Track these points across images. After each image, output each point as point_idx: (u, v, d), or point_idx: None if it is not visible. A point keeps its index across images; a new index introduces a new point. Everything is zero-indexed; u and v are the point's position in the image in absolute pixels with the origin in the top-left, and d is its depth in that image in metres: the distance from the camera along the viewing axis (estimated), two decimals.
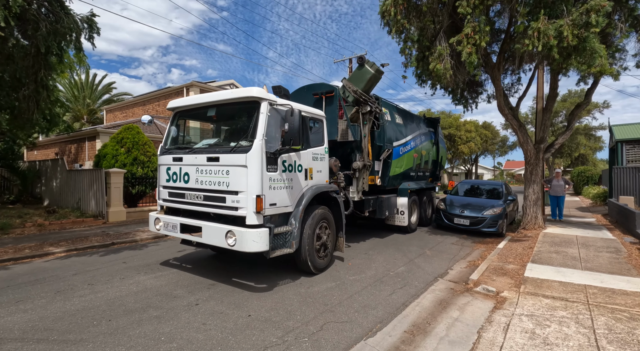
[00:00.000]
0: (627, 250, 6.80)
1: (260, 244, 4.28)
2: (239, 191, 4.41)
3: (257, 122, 4.50)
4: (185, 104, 5.48)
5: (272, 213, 4.58)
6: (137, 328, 3.46)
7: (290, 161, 4.93)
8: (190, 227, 4.96)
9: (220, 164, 4.58)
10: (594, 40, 6.04)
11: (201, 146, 5.19)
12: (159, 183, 5.57)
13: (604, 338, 3.23)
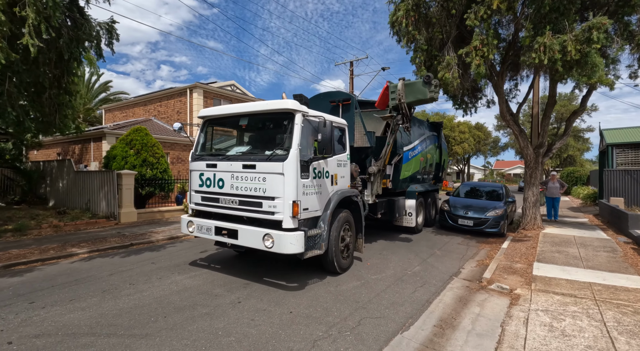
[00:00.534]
0: (622, 249, 7.33)
1: (296, 246, 4.59)
2: (275, 196, 4.71)
3: (292, 132, 4.81)
4: (218, 113, 5.74)
5: (305, 217, 4.90)
6: (192, 324, 3.74)
7: (320, 168, 5.25)
8: (223, 229, 5.24)
9: (257, 172, 4.87)
10: (595, 55, 6.51)
11: (235, 153, 5.45)
12: (190, 187, 5.82)
13: (614, 330, 3.66)
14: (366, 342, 3.50)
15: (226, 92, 18.56)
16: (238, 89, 21.22)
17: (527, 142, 9.89)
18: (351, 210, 6.08)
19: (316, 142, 5.05)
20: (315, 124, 5.10)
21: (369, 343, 3.49)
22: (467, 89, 10.26)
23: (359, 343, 3.48)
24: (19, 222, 8.84)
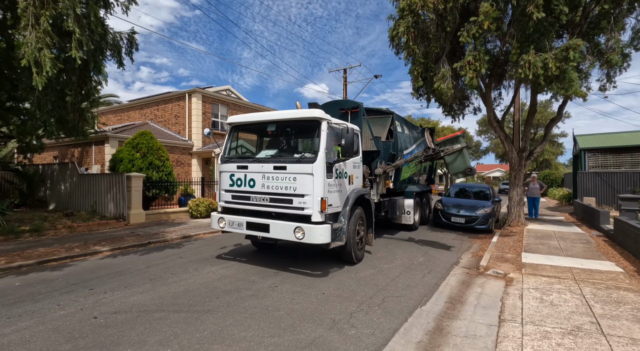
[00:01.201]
0: (595, 241, 8.35)
1: (325, 237, 5.24)
2: (305, 194, 5.35)
3: (319, 137, 5.47)
4: (246, 120, 6.33)
5: (329, 212, 5.55)
6: (243, 302, 4.32)
7: (340, 169, 5.93)
8: (253, 224, 5.82)
9: (288, 172, 5.49)
10: (572, 71, 7.51)
11: (264, 156, 6.05)
12: (219, 187, 6.37)
13: (591, 300, 4.49)
14: (393, 314, 4.18)
15: (223, 96, 19.00)
16: (233, 93, 21.67)
17: (512, 147, 10.91)
18: (363, 207, 6.78)
19: (338, 146, 5.72)
20: (337, 131, 5.78)
21: (395, 314, 4.17)
22: (458, 98, 11.21)
23: (387, 314, 4.16)
24: (34, 223, 9.06)
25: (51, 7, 5.04)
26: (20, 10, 5.06)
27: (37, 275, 5.61)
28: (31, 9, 5.07)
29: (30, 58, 5.09)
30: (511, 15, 8.43)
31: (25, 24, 5.11)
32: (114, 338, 3.35)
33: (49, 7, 5.05)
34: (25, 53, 5.11)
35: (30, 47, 5.09)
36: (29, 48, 5.09)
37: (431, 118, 38.86)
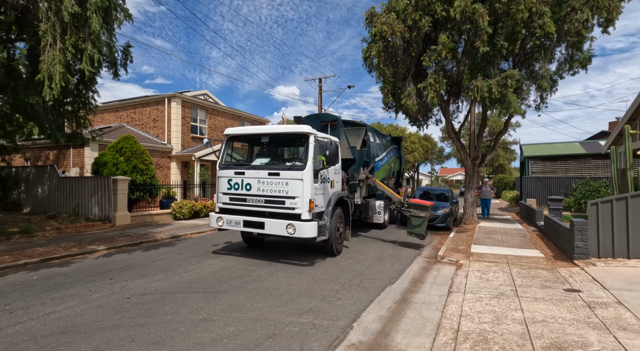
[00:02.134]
0: (530, 235, 10.08)
1: (312, 232, 6.28)
2: (295, 196, 6.38)
3: (307, 149, 6.53)
4: (243, 132, 7.26)
5: (316, 211, 6.61)
6: (247, 285, 5.26)
7: (324, 175, 7.02)
8: (249, 222, 6.74)
9: (281, 178, 6.49)
10: (511, 95, 9.15)
11: (259, 163, 6.99)
12: (218, 190, 7.22)
13: (515, 276, 5.90)
14: (369, 290, 5.32)
15: (201, 101, 19.46)
16: (211, 98, 22.10)
17: (467, 155, 12.60)
18: (342, 207, 7.91)
19: (322, 156, 6.81)
20: (322, 143, 6.85)
21: (370, 291, 5.31)
22: (422, 111, 12.75)
23: (364, 291, 5.28)
24: (21, 225, 9.29)
25: (74, 34, 5.70)
26: (42, 32, 5.68)
27: (49, 270, 6.16)
28: (50, 31, 5.70)
29: (45, 74, 5.71)
30: (463, 46, 10.00)
31: (45, 44, 5.72)
32: (152, 310, 4.19)
33: (72, 34, 5.71)
34: (41, 69, 5.72)
35: (46, 63, 5.71)
36: (45, 65, 5.71)
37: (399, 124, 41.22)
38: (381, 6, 10.79)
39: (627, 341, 3.31)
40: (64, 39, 5.68)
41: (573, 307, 4.31)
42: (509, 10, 8.78)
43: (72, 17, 5.65)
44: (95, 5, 5.70)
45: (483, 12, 8.47)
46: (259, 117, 24.29)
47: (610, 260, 6.24)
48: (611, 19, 9.35)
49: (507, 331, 3.66)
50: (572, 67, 10.39)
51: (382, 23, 9.58)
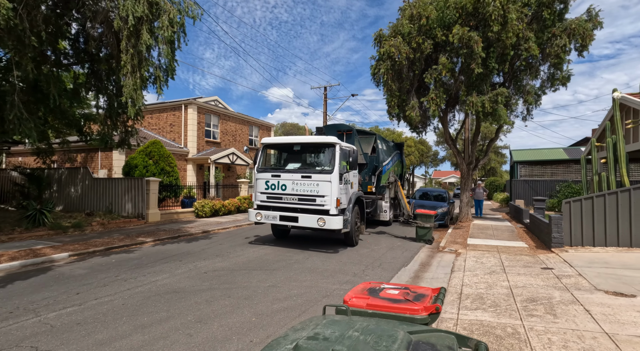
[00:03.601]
0: (517, 231, 11.56)
1: (339, 224, 7.60)
2: (325, 195, 7.71)
3: (334, 156, 7.86)
4: (278, 142, 8.62)
5: (340, 208, 7.96)
6: (292, 266, 6.58)
7: (346, 178, 8.37)
8: (285, 217, 8.03)
9: (312, 180, 7.81)
10: (501, 109, 10.63)
11: (292, 168, 8.30)
12: (255, 190, 8.51)
13: (504, 260, 7.32)
14: (388, 270, 6.68)
15: (213, 107, 20.70)
16: (220, 103, 23.34)
17: (462, 160, 14.07)
18: (358, 206, 9.26)
19: (345, 162, 8.16)
20: (345, 151, 8.19)
21: (389, 270, 6.67)
22: (422, 121, 14.20)
23: (385, 270, 6.64)
24: (73, 221, 10.46)
25: (148, 64, 6.99)
26: (123, 63, 6.95)
27: (120, 256, 7.40)
28: (129, 61, 6.98)
29: (128, 96, 6.99)
30: (460, 66, 11.47)
31: (126, 72, 6.99)
32: (229, 280, 5.49)
33: (147, 64, 7.00)
34: (124, 93, 7.00)
35: (128, 88, 6.98)
36: (127, 89, 6.98)
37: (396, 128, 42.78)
38: (388, 28, 12.24)
39: (579, 296, 4.72)
40: (140, 67, 6.96)
41: (545, 278, 5.73)
42: (500, 37, 10.26)
43: (147, 49, 6.94)
44: (166, 39, 6.99)
45: (477, 39, 9.93)
46: (266, 122, 25.58)
47: (579, 248, 7.71)
48: (585, 45, 10.90)
49: (496, 292, 5.05)
50: (553, 85, 11.93)
51: (390, 45, 10.99)
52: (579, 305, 4.39)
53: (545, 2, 10.80)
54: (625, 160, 7.93)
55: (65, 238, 9.11)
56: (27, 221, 9.64)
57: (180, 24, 7.23)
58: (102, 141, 9.23)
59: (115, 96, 8.77)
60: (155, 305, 4.43)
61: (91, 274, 5.88)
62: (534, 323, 3.84)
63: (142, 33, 6.72)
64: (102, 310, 4.22)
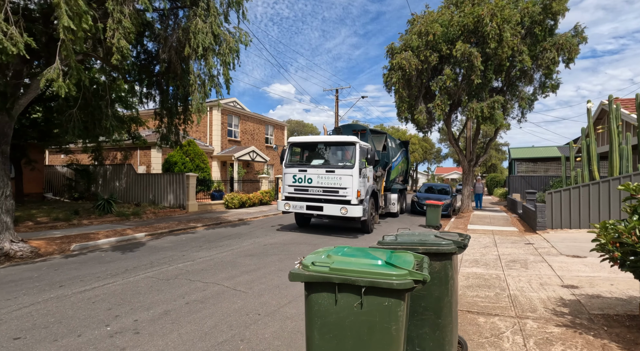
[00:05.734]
0: (511, 219, 13.29)
1: (359, 212, 9.17)
2: (347, 187, 9.25)
3: (355, 153, 9.40)
4: (304, 141, 10.26)
5: (360, 199, 9.59)
6: (329, 242, 8.33)
7: (364, 173, 9.98)
8: (311, 206, 9.60)
9: (336, 174, 9.35)
10: (498, 114, 12.30)
11: (317, 163, 9.84)
12: (284, 183, 10.06)
13: (497, 239, 9.06)
14: None
15: (233, 108, 22.41)
16: (238, 104, 25.07)
17: (464, 158, 15.77)
18: (374, 198, 10.92)
19: (364, 159, 9.75)
20: (364, 149, 9.69)
21: None
22: (428, 122, 15.88)
23: None
24: (133, 209, 12.27)
25: (213, 82, 8.73)
26: (192, 82, 8.68)
27: (185, 236, 9.18)
28: (196, 80, 8.70)
29: (195, 109, 8.73)
30: (462, 76, 13.13)
31: (193, 89, 8.72)
32: (285, 249, 7.25)
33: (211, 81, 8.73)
34: (192, 106, 8.74)
35: (195, 101, 8.72)
36: (195, 102, 8.72)
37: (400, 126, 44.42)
38: (399, 41, 13.91)
39: (547, 258, 6.46)
40: (204, 85, 8.68)
41: (526, 249, 7.47)
42: (496, 52, 11.90)
43: (209, 70, 8.66)
44: (225, 62, 8.70)
45: (477, 54, 11.59)
46: (280, 122, 27.30)
47: (558, 230, 9.43)
48: (571, 58, 12.52)
49: (488, 258, 6.80)
50: (544, 91, 13.58)
51: (402, 58, 12.67)
52: (545, 263, 6.13)
53: (537, 20, 12.41)
54: (597, 159, 9.61)
55: (131, 223, 10.91)
56: (98, 210, 11.45)
57: (236, 50, 8.93)
58: (163, 141, 10.97)
59: (174, 105, 10.49)
60: (244, 261, 6.21)
61: (176, 246, 7.66)
62: (511, 272, 5.59)
63: (208, 58, 8.44)
64: (210, 264, 6.00)
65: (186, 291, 4.57)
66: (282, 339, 3.33)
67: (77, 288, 4.61)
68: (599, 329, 3.36)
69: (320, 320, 1.86)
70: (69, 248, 7.34)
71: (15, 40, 5.02)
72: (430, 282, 2.61)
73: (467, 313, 3.88)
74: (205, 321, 3.64)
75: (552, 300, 4.20)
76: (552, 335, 3.25)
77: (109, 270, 5.56)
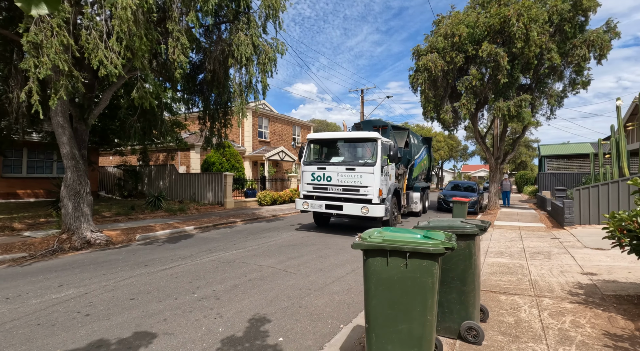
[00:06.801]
0: (539, 215, 13.38)
1: (381, 212, 8.64)
2: (368, 185, 8.69)
3: (376, 150, 8.91)
4: (323, 137, 9.98)
5: (381, 198, 8.87)
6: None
7: (386, 170, 9.43)
8: (330, 205, 9.24)
9: (356, 172, 8.81)
10: (525, 112, 12.45)
11: (337, 161, 9.42)
12: (302, 181, 9.69)
13: (523, 234, 9.37)
14: None
15: (262, 110, 23.50)
16: (267, 107, 26.16)
17: (491, 155, 15.90)
18: (396, 197, 10.95)
19: (386, 156, 9.21)
20: (386, 146, 9.11)
21: None
22: (455, 122, 16.14)
23: None
24: (179, 206, 13.51)
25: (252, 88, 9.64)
26: (234, 90, 9.62)
27: (231, 229, 10.16)
28: (238, 88, 9.63)
29: (237, 112, 9.66)
30: (488, 76, 13.34)
31: (235, 96, 9.66)
32: (322, 240, 8.01)
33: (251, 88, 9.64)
34: (235, 110, 9.68)
35: (237, 106, 9.66)
36: (236, 107, 9.66)
37: (425, 124, 44.15)
38: (425, 42, 14.30)
39: (570, 250, 6.82)
40: (242, 92, 9.60)
41: (551, 242, 7.81)
42: (523, 52, 12.07)
43: (250, 78, 9.57)
44: (263, 71, 9.58)
45: (503, 54, 11.82)
46: (306, 122, 28.19)
47: (586, 226, 9.59)
48: (603, 54, 12.44)
49: (513, 250, 7.23)
50: (574, 88, 13.53)
51: (428, 60, 13.09)
52: (568, 254, 6.51)
53: (567, 17, 12.43)
54: (626, 156, 9.64)
55: (179, 217, 12.09)
56: (149, 206, 12.75)
57: (274, 60, 9.78)
58: (207, 144, 12.09)
59: (216, 111, 11.54)
60: (287, 249, 7.04)
61: (224, 238, 8.62)
62: (534, 262, 6.05)
63: (249, 68, 9.35)
64: (259, 251, 6.87)
65: (246, 271, 5.43)
66: (332, 307, 4.08)
67: (158, 267, 5.59)
68: (609, 305, 3.86)
69: (375, 276, 2.58)
70: (134, 237, 8.47)
71: (114, 63, 6.08)
72: (456, 258, 3.27)
73: (490, 292, 4.46)
74: (267, 293, 4.46)
75: (570, 284, 4.68)
76: (565, 309, 3.79)
77: (177, 255, 6.54)
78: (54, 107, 6.47)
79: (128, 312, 3.80)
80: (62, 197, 7.72)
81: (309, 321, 3.70)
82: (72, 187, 7.72)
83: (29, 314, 3.77)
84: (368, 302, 2.62)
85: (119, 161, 19.70)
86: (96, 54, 6.03)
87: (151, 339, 3.21)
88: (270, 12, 9.48)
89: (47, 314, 3.77)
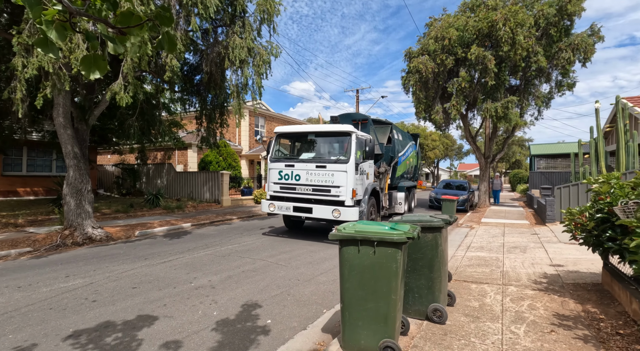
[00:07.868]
0: (526, 213, 13.86)
1: (355, 216, 7.44)
2: (340, 185, 7.53)
3: (350, 145, 7.69)
4: (292, 131, 8.82)
5: (356, 199, 7.71)
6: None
7: (362, 168, 8.17)
8: (299, 208, 7.90)
9: (327, 170, 7.64)
10: (512, 113, 12.89)
11: (306, 157, 8.28)
12: (268, 180, 8.49)
13: (506, 230, 9.82)
14: None
15: (259, 109, 23.83)
16: (264, 106, 26.48)
17: (481, 155, 16.36)
18: (375, 197, 9.01)
19: (361, 152, 8.09)
20: (362, 140, 8.08)
21: None
22: (446, 122, 16.57)
23: None
24: (176, 204, 13.87)
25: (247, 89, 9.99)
26: (230, 92, 9.98)
27: (227, 226, 10.54)
28: (235, 89, 9.98)
29: (235, 112, 10.02)
30: (477, 78, 13.77)
31: (233, 97, 10.01)
32: (312, 235, 8.41)
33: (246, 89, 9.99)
34: (232, 111, 10.04)
35: (235, 108, 10.02)
36: (234, 109, 10.02)
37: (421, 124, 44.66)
38: (417, 44, 14.70)
39: (545, 245, 7.27)
40: (239, 93, 9.96)
41: (530, 238, 8.26)
42: (509, 55, 12.49)
43: (245, 80, 9.92)
44: (258, 72, 9.94)
45: (491, 58, 12.24)
46: (303, 122, 28.55)
47: None
48: (587, 58, 12.89)
49: (493, 245, 7.67)
50: (560, 90, 13.99)
51: (419, 62, 13.49)
52: (542, 248, 6.96)
53: (553, 22, 12.86)
54: (604, 156, 10.11)
55: (176, 215, 12.46)
56: (148, 203, 13.10)
57: (268, 62, 10.14)
58: (204, 143, 12.45)
59: (212, 111, 11.89)
60: (280, 245, 7.44)
61: (220, 234, 9.00)
62: (510, 255, 6.48)
63: (244, 69, 9.71)
64: (253, 246, 7.26)
65: (240, 264, 5.82)
66: (318, 295, 4.48)
67: (157, 260, 5.98)
68: (565, 292, 4.29)
69: (348, 263, 2.98)
70: (133, 233, 8.84)
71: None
72: (425, 248, 3.68)
73: (463, 282, 4.88)
74: (259, 283, 4.86)
75: (537, 274, 5.11)
76: (525, 295, 4.22)
77: (175, 249, 6.93)
78: (39, 107, 6.72)
79: (131, 299, 4.19)
80: (64, 194, 8.07)
81: (295, 306, 4.10)
82: (74, 185, 8.07)
83: (41, 300, 4.15)
84: (342, 285, 3.03)
85: (118, 159, 20.02)
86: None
87: (153, 321, 3.60)
88: (264, 16, 9.82)
89: (58, 300, 4.15)
